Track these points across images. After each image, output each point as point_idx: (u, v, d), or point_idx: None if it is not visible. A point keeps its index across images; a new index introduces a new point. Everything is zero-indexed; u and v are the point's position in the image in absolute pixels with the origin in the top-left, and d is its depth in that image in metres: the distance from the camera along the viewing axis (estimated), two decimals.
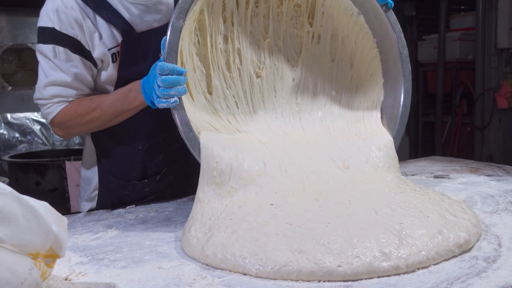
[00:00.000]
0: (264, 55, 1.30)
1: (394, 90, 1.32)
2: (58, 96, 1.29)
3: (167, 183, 1.46)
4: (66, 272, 0.90)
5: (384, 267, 0.83)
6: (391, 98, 1.33)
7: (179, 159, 1.46)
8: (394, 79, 1.32)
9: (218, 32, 1.24)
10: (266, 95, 1.29)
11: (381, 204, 1.01)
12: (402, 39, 1.30)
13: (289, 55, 1.34)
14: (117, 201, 1.41)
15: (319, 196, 1.06)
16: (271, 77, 1.30)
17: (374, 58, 1.34)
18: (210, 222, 1.01)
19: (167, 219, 1.25)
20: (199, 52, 1.22)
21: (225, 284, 0.84)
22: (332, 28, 1.35)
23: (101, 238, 1.11)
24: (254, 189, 1.07)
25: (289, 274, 0.83)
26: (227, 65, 1.26)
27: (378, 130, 1.29)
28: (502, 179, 1.49)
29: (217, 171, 1.08)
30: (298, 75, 1.33)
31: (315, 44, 1.35)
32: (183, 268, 0.91)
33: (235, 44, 1.26)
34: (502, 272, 0.84)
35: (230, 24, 1.26)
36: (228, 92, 1.25)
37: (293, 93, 1.32)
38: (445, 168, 1.70)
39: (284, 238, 0.89)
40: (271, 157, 1.14)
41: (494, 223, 1.09)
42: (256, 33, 1.29)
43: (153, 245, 1.05)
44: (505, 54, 4.46)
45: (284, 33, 1.32)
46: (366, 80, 1.35)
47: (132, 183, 1.42)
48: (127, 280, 0.87)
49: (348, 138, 1.27)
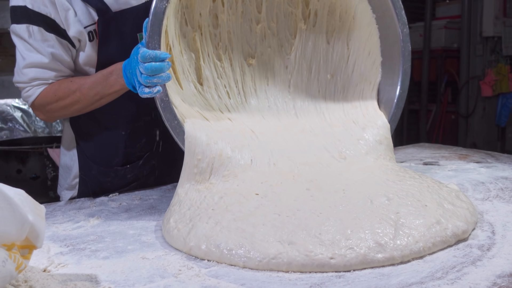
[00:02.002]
0: (256, 40, 1.24)
1: (392, 71, 1.27)
2: (37, 79, 1.24)
3: (150, 169, 1.42)
4: (44, 263, 0.85)
5: (378, 258, 0.80)
6: (389, 79, 1.28)
7: (161, 143, 1.41)
8: (393, 59, 1.26)
9: (207, 11, 1.17)
10: (258, 84, 1.24)
11: (378, 193, 0.97)
12: (403, 16, 1.24)
13: (283, 39, 1.27)
14: (99, 189, 1.36)
15: (311, 185, 1.01)
16: (263, 65, 1.25)
17: (373, 35, 1.27)
18: (190, 212, 0.96)
19: (151, 207, 1.21)
20: (187, 34, 1.16)
21: (212, 275, 0.80)
22: (330, 2, 1.28)
23: (83, 227, 1.07)
24: (236, 182, 1.02)
25: (279, 267, 0.79)
26: (217, 52, 1.20)
27: (375, 115, 1.24)
28: (492, 166, 1.48)
29: (198, 169, 1.04)
30: (291, 62, 1.28)
31: (310, 27, 1.28)
32: (168, 258, 0.87)
33: (225, 27, 1.20)
34: (498, 260, 0.81)
35: (221, 4, 1.19)
36: (219, 82, 1.20)
37: (286, 80, 1.27)
38: (434, 155, 1.69)
39: (273, 228, 0.85)
40: (260, 150, 1.10)
41: (486, 210, 1.07)
42: (248, 12, 1.21)
43: (136, 234, 1.01)
44: (490, 42, 4.47)
45: (278, 11, 1.24)
46: (363, 59, 1.29)
47: (114, 169, 1.37)
48: (109, 271, 0.83)
49: (345, 126, 1.23)
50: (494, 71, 4.39)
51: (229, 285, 0.76)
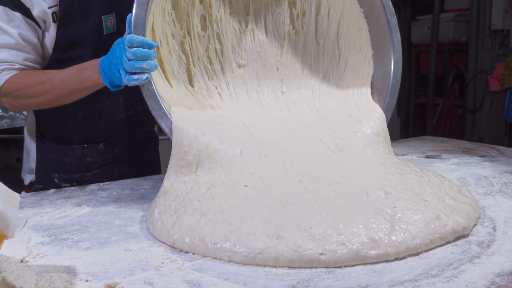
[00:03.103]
0: (246, 41, 1.23)
1: (383, 62, 1.25)
2: (4, 61, 1.19)
3: (113, 157, 1.38)
4: (22, 253, 0.82)
5: (372, 255, 0.75)
6: (381, 70, 1.26)
7: (123, 130, 1.38)
8: (384, 50, 1.25)
9: (194, 12, 1.16)
10: (249, 85, 1.22)
11: (375, 186, 0.92)
12: (390, 7, 1.24)
13: (273, 41, 1.26)
14: (58, 171, 1.35)
15: (304, 177, 0.97)
16: (254, 66, 1.23)
17: (362, 30, 1.27)
18: (175, 203, 0.92)
19: (142, 197, 1.18)
20: (175, 35, 1.15)
21: (195, 268, 0.76)
22: (317, 1, 1.29)
23: (68, 216, 1.03)
24: (223, 174, 0.99)
25: (265, 262, 0.75)
26: (207, 55, 1.18)
27: (370, 107, 1.21)
28: (496, 160, 1.43)
29: (184, 162, 1.01)
30: (283, 63, 1.27)
31: (299, 29, 1.28)
32: (152, 251, 0.83)
33: (214, 29, 1.19)
34: (497, 258, 0.77)
35: (208, 5, 1.18)
36: (210, 84, 1.18)
37: (278, 81, 1.25)
38: (436, 148, 1.64)
39: (260, 222, 0.80)
40: (251, 142, 1.06)
41: (488, 205, 1.02)
42: (236, 14, 1.22)
43: (122, 225, 0.97)
44: (499, 35, 4.38)
45: (266, 13, 1.25)
46: (355, 55, 1.28)
47: (70, 147, 1.35)
48: (89, 262, 0.79)
49: (341, 119, 1.20)
50: (503, 65, 4.31)
51: (212, 279, 0.72)
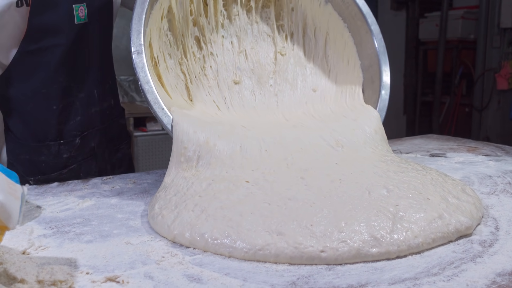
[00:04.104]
0: (240, 61, 1.27)
1: (371, 67, 1.30)
2: None
3: (89, 152, 1.36)
4: (24, 245, 0.82)
5: (373, 253, 0.74)
6: (369, 75, 1.31)
7: (98, 123, 1.36)
8: (370, 56, 1.31)
9: (189, 33, 1.20)
10: (245, 100, 1.25)
11: (377, 184, 0.92)
12: (371, 17, 1.30)
13: (264, 60, 1.30)
14: (33, 172, 1.30)
15: (305, 174, 0.96)
16: (248, 82, 1.27)
17: (347, 43, 1.33)
18: (175, 198, 0.92)
19: (144, 191, 1.18)
20: (172, 55, 1.18)
21: (196, 263, 0.76)
22: (303, 22, 1.33)
23: (71, 209, 1.04)
24: (224, 169, 0.99)
25: (266, 258, 0.75)
26: (204, 73, 1.22)
27: (364, 109, 1.25)
28: (501, 159, 1.42)
29: (184, 157, 1.01)
30: (275, 80, 1.30)
31: (289, 51, 1.32)
32: (153, 244, 0.83)
33: (209, 49, 1.24)
34: (499, 257, 0.77)
35: (201, 28, 1.23)
36: (208, 98, 1.21)
37: (272, 95, 1.28)
38: (441, 147, 1.63)
39: (261, 218, 0.80)
40: (250, 139, 1.06)
41: (491, 205, 1.02)
42: (228, 36, 1.27)
43: (124, 219, 0.97)
44: (508, 34, 4.35)
45: (258, 35, 1.30)
46: (344, 68, 1.34)
47: (46, 144, 1.29)
48: (90, 255, 0.79)
49: (337, 120, 1.22)
50: (511, 64, 4.28)
51: (213, 274, 0.72)
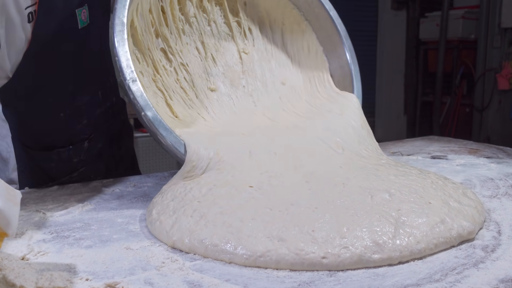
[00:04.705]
0: (209, 66, 1.27)
1: (337, 53, 1.31)
2: None
3: (97, 152, 1.35)
4: (23, 250, 0.82)
5: (375, 259, 0.74)
6: (336, 61, 1.32)
7: (103, 123, 1.35)
8: (333, 42, 1.31)
9: (154, 47, 1.18)
10: (225, 106, 1.25)
11: (379, 188, 0.91)
12: (327, 3, 1.30)
13: (231, 61, 1.30)
14: (44, 178, 1.28)
15: (311, 177, 0.96)
16: (223, 88, 1.27)
17: (306, 32, 1.33)
18: (173, 203, 0.91)
19: (144, 194, 1.17)
20: (144, 72, 1.16)
21: (196, 269, 0.76)
22: (257, 16, 1.33)
23: (71, 213, 1.03)
24: (231, 173, 0.98)
25: (267, 265, 0.74)
26: (179, 85, 1.21)
27: (341, 97, 1.25)
28: (502, 162, 1.41)
29: (190, 174, 1.01)
30: (247, 80, 1.30)
31: (250, 47, 1.32)
32: (153, 250, 0.83)
33: (178, 60, 1.22)
34: (502, 263, 0.76)
35: (164, 39, 1.21)
36: (191, 112, 1.20)
37: (248, 96, 1.28)
38: (442, 149, 1.62)
39: (262, 223, 0.79)
40: (258, 142, 1.06)
41: (493, 209, 1.01)
42: (192, 42, 1.26)
43: (124, 223, 0.97)
44: (508, 33, 4.34)
45: (219, 37, 1.30)
46: (306, 56, 1.34)
47: (56, 151, 1.28)
48: (89, 261, 0.79)
49: (323, 116, 1.21)
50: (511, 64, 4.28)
51: (213, 280, 0.72)
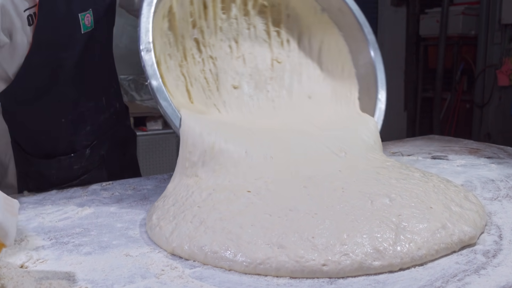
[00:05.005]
0: (238, 65, 1.27)
1: (368, 76, 1.29)
2: None
3: (99, 160, 1.33)
4: (23, 258, 0.81)
5: (375, 266, 0.73)
6: (365, 83, 1.30)
7: (107, 130, 1.33)
8: (366, 66, 1.30)
9: (188, 35, 1.20)
10: (244, 105, 1.25)
11: (379, 192, 0.90)
12: (367, 26, 1.30)
13: (261, 66, 1.30)
14: (44, 184, 1.25)
15: (309, 182, 0.95)
16: (246, 87, 1.27)
17: (342, 51, 1.32)
18: (174, 208, 0.91)
19: (144, 198, 1.17)
20: (172, 55, 1.17)
21: (196, 276, 0.75)
22: (298, 30, 1.33)
23: (70, 218, 1.03)
24: (227, 178, 0.97)
25: (267, 272, 0.74)
26: (203, 75, 1.22)
27: (362, 119, 1.24)
28: (503, 162, 1.41)
29: (189, 163, 1.00)
30: (273, 87, 1.30)
31: (285, 58, 1.32)
32: (152, 256, 0.82)
33: (208, 52, 1.23)
34: (503, 269, 0.75)
35: (200, 31, 1.23)
36: (208, 101, 1.20)
37: (270, 101, 1.27)
38: (443, 148, 1.62)
39: (262, 230, 0.79)
40: (256, 143, 1.05)
41: (494, 212, 1.00)
42: (226, 39, 1.26)
43: (124, 228, 0.97)
44: (509, 30, 4.33)
45: (255, 40, 1.30)
46: (338, 75, 1.33)
47: (57, 159, 1.25)
48: (89, 269, 0.78)
49: (337, 128, 1.20)
50: None
51: None
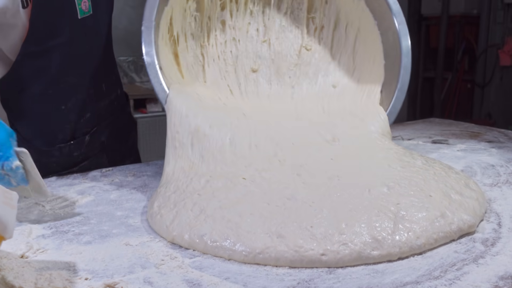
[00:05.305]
0: (261, 49, 1.26)
1: (392, 67, 1.26)
2: None
3: (99, 146, 1.33)
4: (23, 248, 0.82)
5: (374, 256, 0.74)
6: (389, 75, 1.26)
7: (107, 117, 1.33)
8: (392, 56, 1.26)
9: (215, 17, 1.21)
10: (260, 88, 1.24)
11: (377, 181, 0.89)
12: (400, 16, 1.25)
13: (287, 52, 1.28)
14: (44, 172, 1.25)
15: (301, 170, 0.94)
16: (266, 71, 1.25)
17: (376, 42, 1.28)
18: (175, 196, 0.91)
19: (144, 184, 1.17)
20: (195, 35, 1.18)
21: (196, 266, 0.76)
22: (336, 16, 1.30)
23: (70, 206, 1.03)
24: (219, 165, 0.97)
25: (266, 262, 0.74)
26: (223, 57, 1.22)
27: (375, 110, 1.21)
28: (503, 146, 1.40)
29: (178, 143, 1.00)
30: (295, 73, 1.27)
31: (316, 45, 1.30)
32: (152, 246, 0.83)
33: (232, 34, 1.23)
34: (502, 258, 0.76)
35: (229, 13, 1.23)
36: (222, 82, 1.20)
37: (289, 87, 1.26)
38: (443, 132, 1.61)
39: (261, 219, 0.79)
40: (241, 130, 1.04)
41: (494, 198, 1.00)
42: (254, 23, 1.26)
43: (124, 216, 0.97)
44: (511, 9, 4.28)
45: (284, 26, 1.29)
46: (368, 67, 1.29)
47: (57, 147, 1.25)
48: (89, 258, 0.79)
49: (343, 117, 1.19)
50: None
51: (212, 279, 0.72)
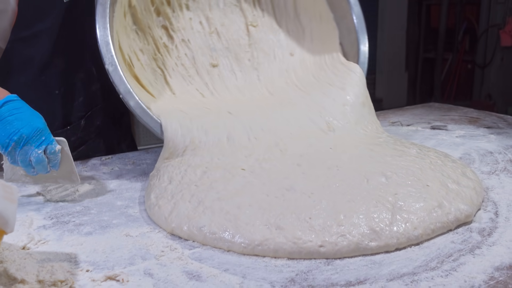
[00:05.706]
0: (213, 42, 1.25)
1: (345, 18, 1.28)
2: None
3: (95, 130, 1.34)
4: (24, 240, 0.82)
5: (372, 247, 0.75)
6: (344, 26, 1.29)
7: (101, 101, 1.34)
8: (342, 7, 1.28)
9: (154, 24, 1.18)
10: (227, 81, 1.23)
11: (375, 170, 0.90)
12: None
13: (237, 35, 1.28)
14: None
15: (301, 160, 0.95)
16: (226, 62, 1.25)
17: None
18: (171, 187, 0.91)
19: (143, 173, 1.17)
20: (144, 50, 1.16)
21: (195, 257, 0.77)
22: None
23: (70, 196, 1.04)
24: (215, 156, 0.98)
25: (264, 253, 0.75)
26: (180, 62, 1.20)
27: (346, 69, 1.22)
28: (502, 132, 1.40)
29: (170, 156, 1.02)
30: (252, 54, 1.28)
31: (259, 20, 1.30)
32: (152, 237, 0.83)
33: (179, 36, 1.21)
34: (498, 248, 0.77)
35: (166, 17, 1.21)
36: (190, 88, 1.19)
37: (252, 69, 1.26)
38: (443, 118, 1.61)
39: (259, 210, 0.80)
40: (237, 128, 1.05)
41: (492, 186, 1.01)
42: (196, 16, 1.24)
43: (123, 206, 0.97)
44: None
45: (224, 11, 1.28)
46: (317, 24, 1.32)
47: (54, 133, 1.22)
48: (90, 250, 0.79)
49: (323, 91, 1.19)
50: None
51: (212, 270, 0.73)
